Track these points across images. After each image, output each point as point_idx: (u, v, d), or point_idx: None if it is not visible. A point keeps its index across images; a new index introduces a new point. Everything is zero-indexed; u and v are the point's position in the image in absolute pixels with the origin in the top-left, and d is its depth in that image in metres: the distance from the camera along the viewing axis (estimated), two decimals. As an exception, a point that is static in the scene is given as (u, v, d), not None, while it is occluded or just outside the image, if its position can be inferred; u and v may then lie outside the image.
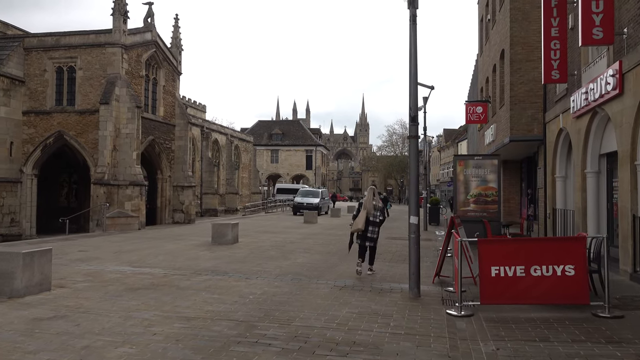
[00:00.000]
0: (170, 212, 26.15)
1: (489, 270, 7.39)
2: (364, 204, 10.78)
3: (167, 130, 25.96)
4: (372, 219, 10.68)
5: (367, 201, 10.78)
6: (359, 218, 10.68)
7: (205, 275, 10.40)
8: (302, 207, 37.73)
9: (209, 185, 44.56)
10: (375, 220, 10.76)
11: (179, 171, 26.37)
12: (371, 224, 10.69)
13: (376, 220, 10.77)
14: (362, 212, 10.68)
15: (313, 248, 15.85)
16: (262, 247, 15.71)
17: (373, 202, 10.76)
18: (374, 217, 10.70)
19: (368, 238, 10.70)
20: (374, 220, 10.71)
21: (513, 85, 17.43)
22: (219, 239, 16.47)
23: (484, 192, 17.12)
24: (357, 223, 10.65)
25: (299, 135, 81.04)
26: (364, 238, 10.71)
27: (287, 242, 17.65)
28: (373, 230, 10.74)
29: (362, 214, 10.64)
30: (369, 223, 10.66)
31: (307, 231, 22.70)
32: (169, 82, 25.94)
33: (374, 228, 10.73)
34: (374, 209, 10.71)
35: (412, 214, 8.92)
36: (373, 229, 10.73)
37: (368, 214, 10.64)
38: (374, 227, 10.75)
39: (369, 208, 10.66)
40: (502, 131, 19.14)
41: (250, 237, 19.20)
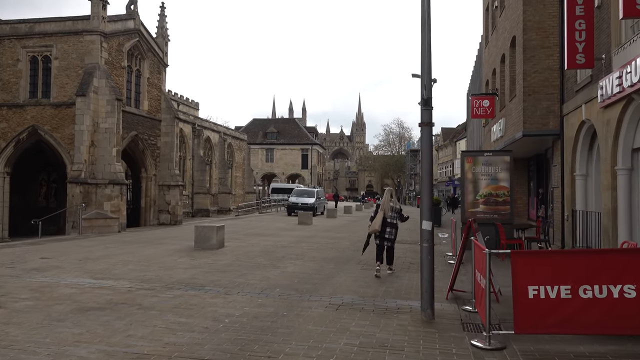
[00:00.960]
0: (156, 212, 24.51)
1: (526, 290, 5.82)
2: (381, 205, 10.91)
3: (152, 125, 24.31)
4: (389, 220, 10.80)
5: (384, 202, 10.88)
6: (376, 219, 10.81)
7: (177, 289, 8.80)
8: (297, 208, 36.17)
9: (201, 185, 42.97)
10: (393, 222, 10.87)
11: (164, 169, 24.73)
12: (388, 225, 10.80)
13: (393, 221, 10.87)
14: (380, 213, 10.79)
15: (307, 254, 14.27)
16: (250, 253, 14.11)
17: (390, 203, 10.85)
18: (391, 219, 10.82)
19: (386, 238, 10.83)
20: (391, 221, 10.83)
21: (526, 75, 15.88)
22: (203, 244, 14.87)
23: (495, 192, 15.55)
24: (374, 224, 10.78)
25: (295, 133, 79.43)
26: (382, 238, 10.84)
27: (278, 246, 16.07)
28: (390, 231, 10.84)
29: (380, 215, 10.76)
30: (386, 224, 10.79)
31: (301, 233, 21.12)
32: (154, 75, 24.30)
33: (391, 229, 10.84)
34: (391, 210, 10.82)
35: (425, 217, 7.34)
36: (390, 230, 10.84)
37: (385, 215, 10.75)
38: (391, 228, 10.85)
39: (386, 209, 10.77)
40: (513, 125, 17.59)
41: (238, 240, 17.60)
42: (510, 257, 5.94)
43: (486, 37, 25.34)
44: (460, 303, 8.26)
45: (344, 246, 16.53)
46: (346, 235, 20.91)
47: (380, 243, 10.90)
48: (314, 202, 37.18)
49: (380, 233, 10.76)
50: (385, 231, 10.78)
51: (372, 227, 10.85)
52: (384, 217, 10.73)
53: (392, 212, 10.83)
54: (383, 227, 10.74)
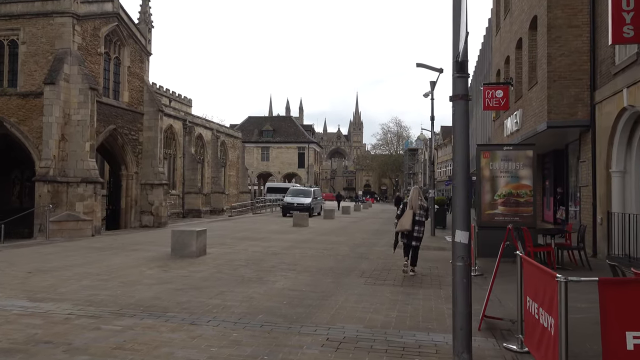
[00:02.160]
0: (137, 214, 22.50)
1: (622, 337, 3.88)
2: (410, 203, 10.69)
3: (133, 118, 22.27)
4: (417, 218, 10.59)
5: (412, 200, 10.69)
6: (404, 217, 10.59)
7: (130, 316, 6.82)
8: (292, 208, 34.22)
9: (192, 184, 41.00)
10: (421, 220, 10.68)
11: (147, 167, 22.71)
12: (417, 224, 10.60)
13: (422, 219, 10.68)
14: (408, 211, 10.59)
15: (300, 263, 12.30)
16: (235, 262, 12.14)
17: (419, 201, 10.67)
18: (419, 217, 10.61)
19: (414, 237, 10.62)
20: (419, 219, 10.62)
21: (551, 58, 13.94)
22: (180, 251, 12.90)
23: (516, 191, 13.61)
24: (404, 223, 10.57)
25: (291, 131, 77.41)
26: (410, 237, 10.64)
27: (269, 253, 14.09)
28: (419, 230, 10.67)
29: (408, 213, 10.56)
30: (415, 222, 10.56)
31: (296, 237, 19.15)
32: (135, 63, 22.27)
33: (419, 227, 10.66)
34: (419, 208, 10.63)
35: (460, 225, 5.32)
36: (419, 229, 10.66)
37: (414, 213, 10.54)
38: (420, 227, 10.67)
39: (415, 207, 10.58)
40: (533, 117, 15.66)
41: (224, 246, 15.62)
42: (599, 289, 3.97)
43: (497, 24, 23.40)
44: (498, 336, 6.32)
45: (343, 252, 14.57)
46: (345, 239, 18.95)
47: (407, 242, 10.71)
48: (310, 202, 35.23)
49: (409, 232, 10.58)
50: (414, 229, 10.58)
51: (400, 225, 10.66)
52: (412, 215, 10.51)
53: (420, 209, 10.64)
54: (412, 226, 10.54)
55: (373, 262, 12.87)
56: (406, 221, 10.53)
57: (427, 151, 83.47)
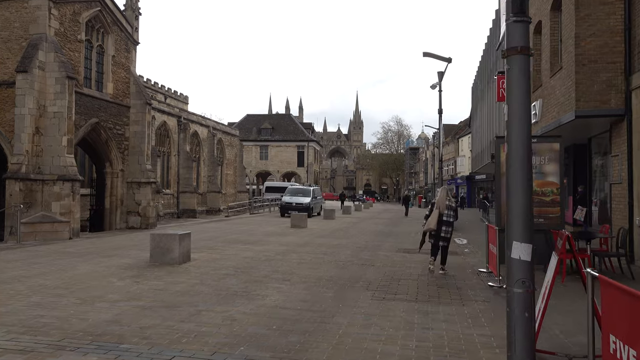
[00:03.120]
0: (124, 214, 20.91)
1: None
2: (437, 203, 10.71)
3: (119, 112, 20.67)
4: (445, 219, 10.61)
5: (440, 200, 10.70)
6: (431, 217, 10.59)
7: (70, 351, 5.24)
8: (291, 208, 32.66)
9: (187, 183, 39.51)
10: (449, 220, 10.66)
11: (134, 164, 21.12)
12: (444, 224, 10.60)
13: (449, 219, 10.66)
14: (435, 211, 10.58)
15: (296, 271, 10.73)
16: (221, 271, 10.57)
17: (446, 201, 10.67)
18: (447, 217, 10.62)
19: (442, 237, 10.64)
20: (447, 219, 10.62)
21: (580, 39, 12.36)
22: (160, 257, 11.33)
23: (540, 189, 11.98)
24: (430, 222, 10.58)
25: (290, 130, 75.79)
26: (437, 237, 10.65)
27: (262, 259, 12.53)
28: (447, 230, 10.64)
29: (435, 213, 10.55)
30: (442, 223, 10.57)
31: (293, 240, 17.59)
32: (120, 53, 20.68)
33: (447, 228, 10.64)
34: (447, 208, 10.62)
35: (518, 236, 3.71)
36: (447, 229, 10.64)
37: (441, 213, 10.56)
38: (447, 227, 10.65)
39: (442, 207, 10.60)
40: (557, 106, 14.10)
41: (212, 250, 14.05)
42: None
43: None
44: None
45: (345, 258, 13.01)
46: (346, 242, 17.38)
47: (435, 242, 10.72)
48: (309, 201, 33.66)
49: (436, 232, 10.57)
50: (441, 230, 10.57)
51: (427, 225, 10.68)
52: (439, 215, 10.50)
53: (448, 210, 10.61)
54: (439, 226, 10.53)
55: (379, 269, 11.31)
56: (432, 221, 10.50)
57: (429, 149, 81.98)
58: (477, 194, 64.01)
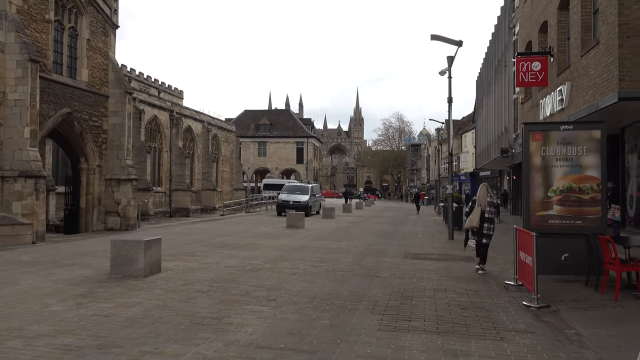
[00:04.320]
0: (102, 215, 18.97)
1: None
2: (478, 200, 10.45)
3: (95, 102, 18.68)
4: (487, 216, 10.35)
5: (481, 197, 10.42)
6: (473, 215, 10.43)
7: None
8: (288, 207, 30.75)
9: (180, 181, 37.62)
10: (491, 217, 10.37)
11: (113, 159, 19.16)
12: (487, 221, 10.34)
13: (491, 216, 10.38)
14: (477, 208, 10.40)
15: (286, 286, 8.81)
16: (193, 286, 8.65)
17: (488, 198, 10.39)
18: (489, 214, 10.36)
19: (484, 235, 10.39)
20: (489, 216, 10.35)
21: (623, 7, 10.41)
22: (123, 269, 9.41)
23: (577, 186, 10.07)
24: (472, 220, 10.42)
25: (289, 125, 73.80)
26: (480, 235, 10.43)
27: (247, 269, 10.61)
28: (489, 227, 10.37)
29: (477, 211, 10.38)
30: (484, 220, 10.34)
31: (287, 243, 15.68)
32: (97, 37, 18.69)
33: (489, 224, 10.37)
34: (488, 205, 10.35)
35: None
36: (489, 226, 10.37)
37: (483, 210, 10.34)
38: (490, 224, 10.37)
39: (483, 204, 10.35)
40: (591, 89, 12.14)
41: (191, 257, 12.12)
42: None
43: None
44: None
45: (345, 266, 11.09)
46: (347, 245, 15.47)
47: (478, 239, 10.58)
48: (307, 199, 31.73)
49: (478, 229, 10.42)
50: (484, 227, 10.39)
51: (469, 222, 10.56)
52: (481, 212, 10.36)
53: (490, 207, 10.42)
54: (481, 223, 10.36)
55: (386, 282, 9.40)
56: (474, 218, 10.33)
57: (432, 145, 79.92)
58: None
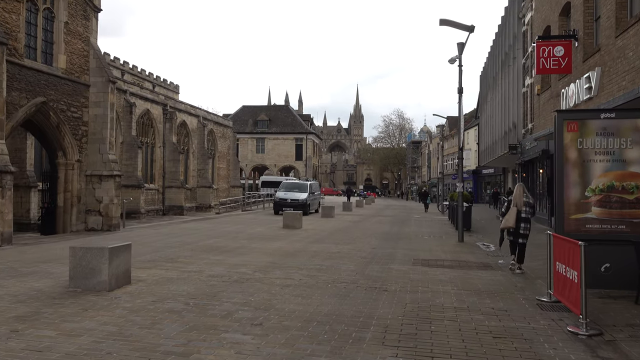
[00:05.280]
0: (81, 213, 17.45)
1: None
2: (514, 199, 10.45)
3: (75, 91, 17.12)
4: (524, 215, 10.32)
5: (517, 197, 10.40)
6: (509, 214, 10.40)
7: None
8: (286, 205, 29.27)
9: (174, 177, 36.12)
10: (527, 216, 10.36)
11: (94, 153, 17.63)
12: (523, 221, 10.31)
13: (527, 216, 10.36)
14: (513, 208, 10.35)
15: (276, 304, 7.32)
16: (164, 304, 7.15)
17: (524, 198, 10.35)
18: (525, 213, 10.33)
19: (521, 235, 10.34)
20: (525, 216, 10.33)
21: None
22: (83, 281, 7.92)
23: (620, 184, 8.60)
24: (508, 220, 10.36)
25: (288, 121, 72.21)
26: (516, 234, 10.39)
27: (233, 279, 9.11)
28: (525, 227, 10.33)
29: (513, 210, 10.33)
30: (520, 219, 10.29)
31: (283, 246, 14.19)
32: (76, 20, 17.13)
33: (525, 224, 10.33)
34: (524, 205, 10.31)
35: None
36: (525, 225, 10.33)
37: (519, 210, 10.31)
38: (526, 224, 10.34)
39: (519, 204, 10.32)
40: (629, 73, 10.63)
41: (171, 264, 10.62)
42: None
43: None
44: None
45: (347, 276, 9.60)
46: (348, 248, 13.99)
47: (514, 239, 10.49)
48: (306, 198, 30.23)
49: (515, 229, 10.35)
50: (520, 227, 10.31)
51: (505, 222, 10.50)
52: (517, 213, 10.28)
53: (526, 207, 10.34)
54: (517, 223, 10.29)
55: (397, 297, 7.92)
56: (510, 218, 10.31)
57: (432, 143, 78.39)
58: (484, 189, 60.72)
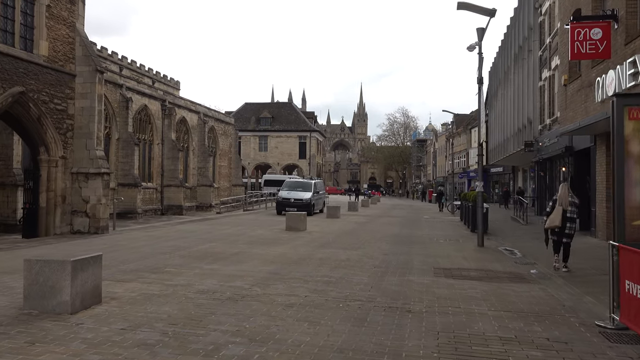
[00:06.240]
0: (67, 215, 15.99)
1: None
2: (559, 199, 10.29)
3: (58, 81, 15.64)
4: (569, 215, 10.21)
5: (562, 196, 10.25)
6: (554, 214, 10.26)
7: None
8: (289, 205, 27.84)
9: (172, 175, 34.71)
10: (573, 216, 10.28)
11: (81, 149, 16.16)
12: (568, 220, 10.22)
13: (573, 216, 10.29)
14: (558, 208, 10.26)
15: (277, 333, 5.85)
16: (137, 333, 5.69)
17: (569, 197, 10.23)
18: (571, 213, 10.23)
19: (566, 234, 10.28)
20: (571, 216, 10.24)
21: None
22: (41, 302, 6.48)
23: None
24: (554, 219, 10.23)
25: (291, 119, 70.72)
26: (561, 234, 10.30)
27: (226, 296, 7.65)
28: (571, 227, 10.25)
29: (558, 210, 10.22)
30: (565, 219, 10.20)
31: (285, 252, 12.72)
32: (60, 3, 15.61)
33: (571, 224, 10.25)
34: (570, 204, 10.22)
35: None
36: (571, 225, 10.25)
37: (565, 210, 10.18)
38: (572, 224, 10.26)
39: (565, 203, 10.20)
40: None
41: (155, 275, 9.16)
42: None
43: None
44: None
45: (361, 292, 8.11)
46: (358, 254, 12.51)
47: (558, 239, 10.41)
48: (310, 197, 28.74)
49: (560, 229, 10.23)
50: (566, 226, 10.21)
51: (551, 222, 10.29)
52: (563, 212, 10.14)
53: (572, 206, 10.23)
54: (563, 223, 10.16)
55: (425, 322, 6.44)
56: (556, 217, 10.18)
57: (438, 141, 76.65)
58: (492, 188, 59.16)
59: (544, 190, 26.88)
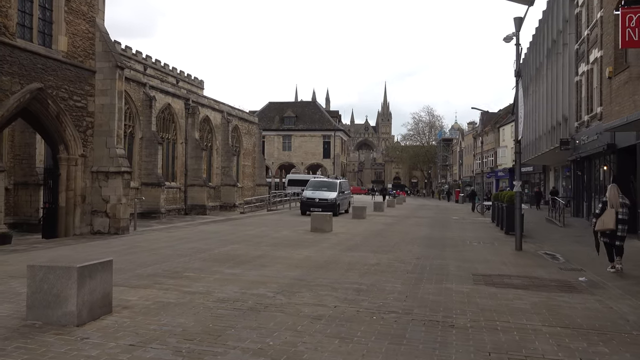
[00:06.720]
0: (87, 215, 15.58)
1: None
2: (610, 200, 10.03)
3: (77, 77, 15.21)
4: (621, 217, 9.86)
5: (612, 197, 9.99)
6: (606, 216, 9.94)
7: None
8: (313, 205, 27.11)
9: (196, 175, 34.37)
10: (624, 218, 9.88)
11: (101, 147, 15.72)
12: (620, 222, 9.87)
13: (624, 217, 9.88)
14: (610, 210, 9.94)
15: (303, 352, 5.13)
16: (146, 351, 5.03)
17: (620, 199, 9.92)
18: (622, 215, 9.87)
19: (618, 237, 9.95)
20: (622, 217, 9.87)
21: None
22: (45, 312, 5.88)
23: None
24: (607, 222, 9.92)
25: (315, 118, 70.01)
26: (613, 236, 9.99)
27: (247, 306, 6.96)
28: (622, 229, 9.89)
29: (611, 212, 9.91)
30: (617, 221, 9.85)
31: (311, 255, 11.99)
32: (80, -3, 15.25)
33: (623, 226, 9.89)
34: (621, 206, 9.91)
35: None
36: (623, 227, 9.89)
37: (617, 212, 9.86)
38: (623, 225, 9.90)
39: (616, 205, 9.91)
40: None
41: (171, 282, 8.51)
42: None
43: None
44: None
45: (396, 302, 7.33)
46: (389, 259, 11.70)
47: (610, 241, 10.11)
48: (335, 197, 27.96)
49: (612, 231, 9.90)
50: (618, 228, 9.85)
51: (604, 225, 9.96)
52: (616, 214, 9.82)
53: (622, 207, 9.87)
54: (615, 225, 9.81)
55: (473, 341, 5.63)
56: (609, 220, 9.85)
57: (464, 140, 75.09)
58: (522, 188, 57.45)
59: (581, 191, 25.60)
